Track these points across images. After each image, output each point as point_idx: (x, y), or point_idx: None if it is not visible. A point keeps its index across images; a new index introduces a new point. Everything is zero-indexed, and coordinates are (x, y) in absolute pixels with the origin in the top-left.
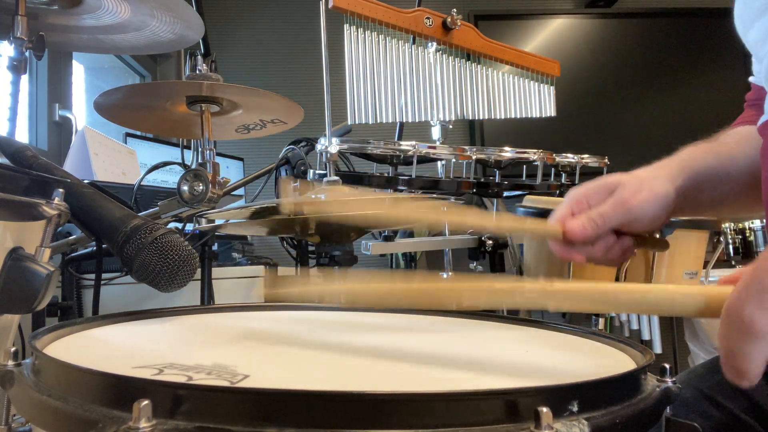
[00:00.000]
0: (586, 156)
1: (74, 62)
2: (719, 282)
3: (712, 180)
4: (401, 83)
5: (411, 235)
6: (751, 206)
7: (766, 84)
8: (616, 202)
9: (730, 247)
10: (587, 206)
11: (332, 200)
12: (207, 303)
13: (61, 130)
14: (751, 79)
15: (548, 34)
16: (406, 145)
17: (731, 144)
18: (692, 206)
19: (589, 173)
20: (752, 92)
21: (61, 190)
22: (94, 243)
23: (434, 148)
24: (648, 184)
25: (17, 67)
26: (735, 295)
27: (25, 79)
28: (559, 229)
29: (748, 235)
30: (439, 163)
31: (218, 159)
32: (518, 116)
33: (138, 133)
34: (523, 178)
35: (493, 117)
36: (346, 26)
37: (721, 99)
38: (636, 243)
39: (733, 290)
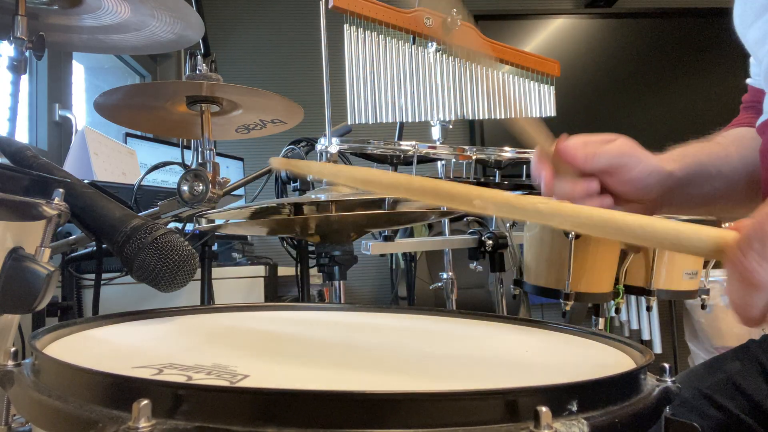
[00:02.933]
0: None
1: (74, 62)
2: (732, 227)
3: (703, 176)
4: (401, 83)
5: (411, 235)
6: (743, 205)
7: (765, 84)
8: (614, 145)
9: None
10: (582, 145)
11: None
12: (207, 303)
13: (61, 130)
14: (748, 81)
15: (548, 34)
16: (406, 145)
17: (724, 144)
18: (682, 201)
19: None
20: (749, 94)
21: (61, 190)
22: (94, 243)
23: (434, 148)
24: (648, 158)
25: (17, 67)
26: (737, 245)
27: (25, 79)
28: (551, 146)
29: None
30: (439, 163)
31: (218, 159)
32: (518, 116)
33: (138, 133)
34: (523, 178)
35: (493, 117)
36: (346, 26)
37: (721, 99)
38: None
39: (735, 240)
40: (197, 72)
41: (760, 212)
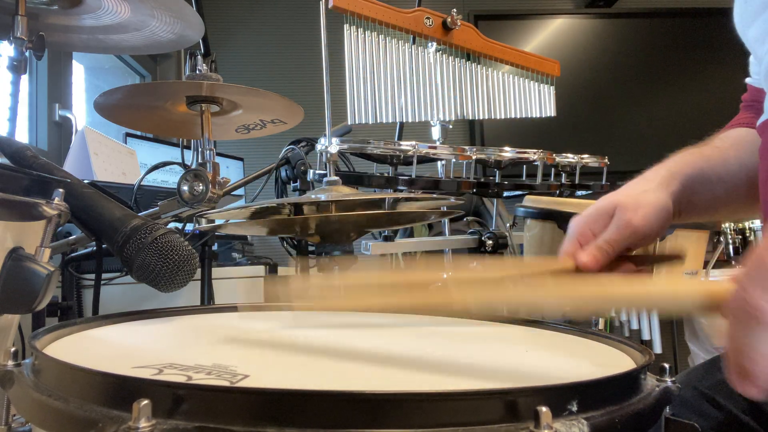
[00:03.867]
0: (586, 156)
1: (74, 62)
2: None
3: (704, 184)
4: (401, 83)
5: (411, 235)
6: (748, 208)
7: (765, 83)
8: (620, 224)
9: (730, 246)
10: (592, 236)
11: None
12: (207, 303)
13: (61, 130)
14: (747, 80)
15: (548, 34)
16: (406, 145)
17: (723, 148)
18: (688, 210)
19: (589, 173)
20: (748, 93)
21: (61, 190)
22: (94, 243)
23: (434, 148)
24: (645, 198)
25: (17, 67)
26: (739, 286)
27: (25, 79)
28: (572, 264)
29: (748, 234)
30: (439, 163)
31: (218, 159)
32: (518, 116)
33: (138, 133)
34: (523, 178)
35: (493, 117)
36: (346, 26)
37: (721, 99)
38: (652, 262)
39: (737, 280)
40: (197, 72)
41: (760, 246)
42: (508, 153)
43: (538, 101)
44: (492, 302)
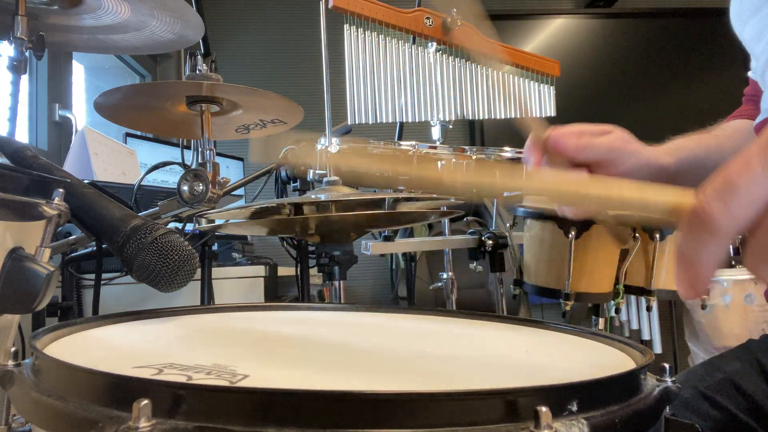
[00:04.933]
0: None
1: (74, 62)
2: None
3: (699, 169)
4: (401, 83)
5: (411, 235)
6: None
7: (761, 81)
8: (606, 138)
9: (730, 247)
10: (578, 132)
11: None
12: (207, 303)
13: (61, 130)
14: (749, 73)
15: (548, 34)
16: (406, 145)
17: (722, 137)
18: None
19: None
20: (750, 87)
21: (61, 190)
22: (94, 243)
23: (434, 148)
24: (641, 147)
25: (17, 67)
26: (701, 196)
27: (25, 79)
28: (544, 132)
29: (748, 234)
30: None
31: (218, 159)
32: (518, 116)
33: (138, 133)
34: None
35: (493, 117)
36: (346, 26)
37: (721, 98)
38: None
39: (701, 192)
40: (197, 72)
41: (728, 164)
42: (508, 153)
43: (538, 101)
44: (479, 184)
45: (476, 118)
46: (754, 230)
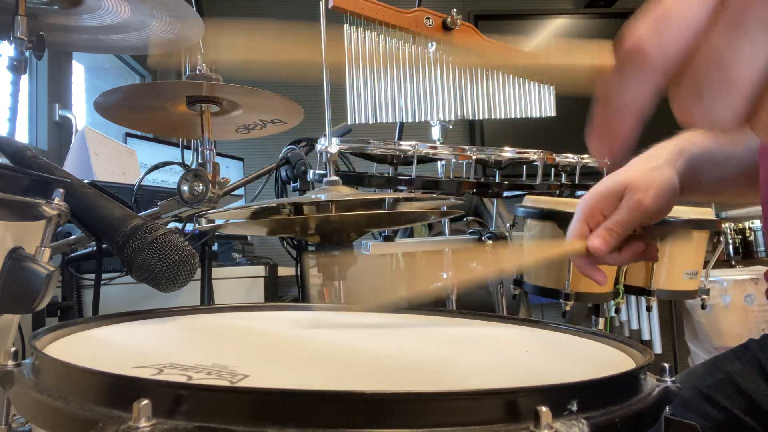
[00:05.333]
0: (586, 156)
1: (74, 62)
2: None
3: (709, 163)
4: (401, 83)
5: (411, 235)
6: (749, 192)
7: None
8: (631, 206)
9: (730, 247)
10: (601, 217)
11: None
12: (207, 303)
13: (61, 130)
14: None
15: (548, 34)
16: (406, 145)
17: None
18: (691, 188)
19: (589, 173)
20: None
21: (61, 190)
22: (94, 243)
23: (434, 148)
24: (654, 177)
25: (17, 67)
26: (636, 30)
27: (25, 79)
28: (582, 247)
29: (748, 235)
30: (439, 163)
31: (218, 159)
32: (518, 116)
33: (138, 133)
34: (523, 178)
35: (493, 117)
36: (346, 26)
37: None
38: (658, 236)
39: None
40: (197, 72)
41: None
42: (508, 153)
43: (538, 101)
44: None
45: (476, 118)
46: (688, 65)
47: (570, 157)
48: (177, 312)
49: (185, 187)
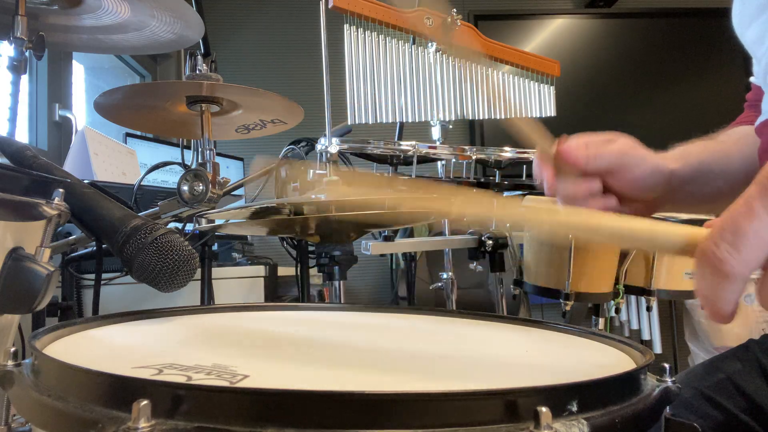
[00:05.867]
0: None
1: (74, 62)
2: (705, 225)
3: (706, 175)
4: (401, 83)
5: (411, 235)
6: None
7: (763, 84)
8: (615, 146)
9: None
10: (585, 144)
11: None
12: (207, 303)
13: (61, 130)
14: (751, 79)
15: (548, 34)
16: (406, 145)
17: (728, 143)
18: (684, 199)
19: None
20: (752, 92)
21: (61, 190)
22: (94, 243)
23: (434, 148)
24: (648, 153)
25: (17, 67)
26: (709, 237)
27: (25, 79)
28: (552, 147)
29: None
30: (439, 163)
31: (218, 159)
32: (518, 116)
33: (138, 133)
34: (523, 178)
35: (493, 117)
36: (346, 26)
37: (721, 99)
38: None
39: (708, 232)
40: (197, 72)
41: (732, 207)
42: (508, 153)
43: (538, 101)
44: (483, 215)
45: (476, 118)
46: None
47: None
48: (177, 312)
49: (185, 187)
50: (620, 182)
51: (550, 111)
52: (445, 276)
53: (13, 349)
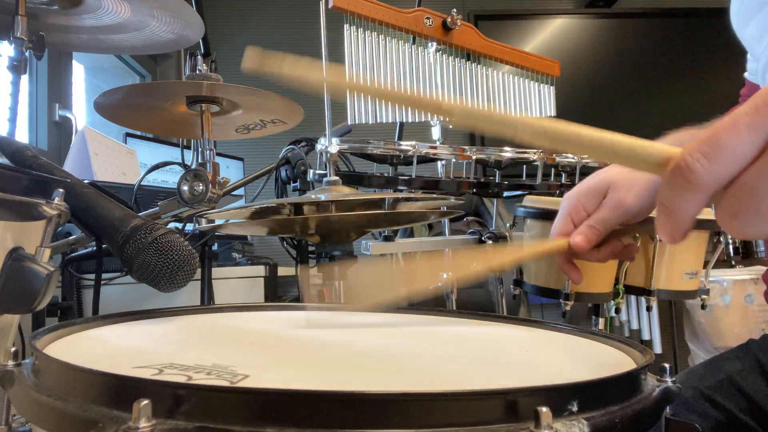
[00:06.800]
0: (586, 156)
1: (74, 62)
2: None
3: None
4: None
5: (411, 234)
6: None
7: (761, 82)
8: (613, 204)
9: (730, 247)
10: (584, 214)
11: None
12: (207, 303)
13: (61, 130)
14: (746, 74)
15: (548, 34)
16: (406, 145)
17: None
18: None
19: (589, 173)
20: (746, 88)
21: (61, 190)
22: (94, 243)
23: (434, 148)
24: (636, 176)
25: (17, 67)
26: (687, 147)
27: (25, 79)
28: (565, 243)
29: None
30: (439, 163)
31: (218, 159)
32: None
33: (138, 133)
34: (523, 178)
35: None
36: (346, 26)
37: (720, 99)
38: (637, 233)
39: (686, 146)
40: (197, 72)
41: (718, 121)
42: (508, 153)
43: (538, 101)
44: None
45: None
46: (729, 186)
47: (570, 157)
48: (177, 312)
49: (185, 187)
50: (630, 221)
51: (550, 111)
52: (445, 276)
53: (13, 349)
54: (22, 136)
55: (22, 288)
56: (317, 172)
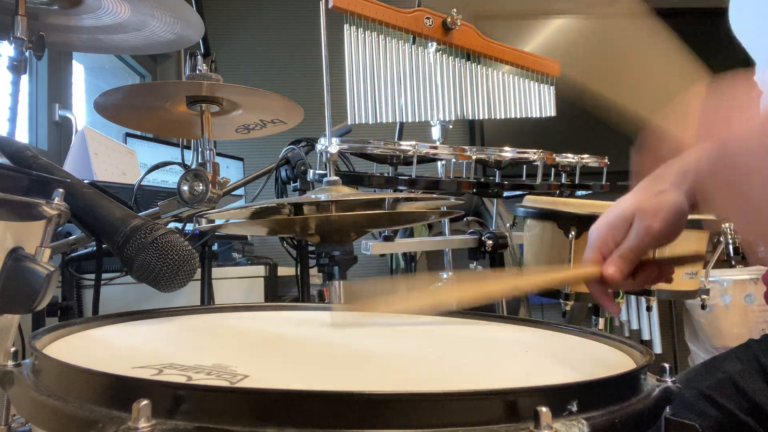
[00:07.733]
0: (586, 156)
1: (74, 62)
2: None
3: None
4: (401, 83)
5: (411, 235)
6: None
7: (760, 83)
8: (641, 232)
9: (730, 247)
10: (614, 245)
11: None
12: (207, 303)
13: (61, 130)
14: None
15: (548, 34)
16: (406, 145)
17: None
18: (702, 203)
19: (589, 173)
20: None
21: (61, 190)
22: (94, 243)
23: (434, 148)
24: (662, 202)
25: (17, 67)
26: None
27: (25, 79)
28: (597, 271)
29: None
30: (439, 163)
31: (218, 159)
32: (518, 116)
33: (138, 133)
34: (523, 178)
35: (493, 117)
36: (346, 26)
37: None
38: (674, 263)
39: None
40: (197, 72)
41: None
42: (508, 153)
43: (538, 101)
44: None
45: (476, 118)
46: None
47: (570, 157)
48: (177, 312)
49: (185, 187)
50: (659, 247)
51: (550, 111)
52: (445, 276)
53: (13, 349)
54: (22, 136)
55: (22, 288)
56: (317, 172)
